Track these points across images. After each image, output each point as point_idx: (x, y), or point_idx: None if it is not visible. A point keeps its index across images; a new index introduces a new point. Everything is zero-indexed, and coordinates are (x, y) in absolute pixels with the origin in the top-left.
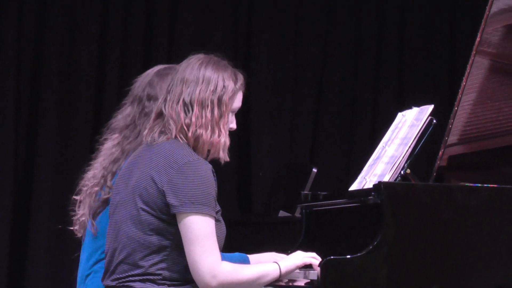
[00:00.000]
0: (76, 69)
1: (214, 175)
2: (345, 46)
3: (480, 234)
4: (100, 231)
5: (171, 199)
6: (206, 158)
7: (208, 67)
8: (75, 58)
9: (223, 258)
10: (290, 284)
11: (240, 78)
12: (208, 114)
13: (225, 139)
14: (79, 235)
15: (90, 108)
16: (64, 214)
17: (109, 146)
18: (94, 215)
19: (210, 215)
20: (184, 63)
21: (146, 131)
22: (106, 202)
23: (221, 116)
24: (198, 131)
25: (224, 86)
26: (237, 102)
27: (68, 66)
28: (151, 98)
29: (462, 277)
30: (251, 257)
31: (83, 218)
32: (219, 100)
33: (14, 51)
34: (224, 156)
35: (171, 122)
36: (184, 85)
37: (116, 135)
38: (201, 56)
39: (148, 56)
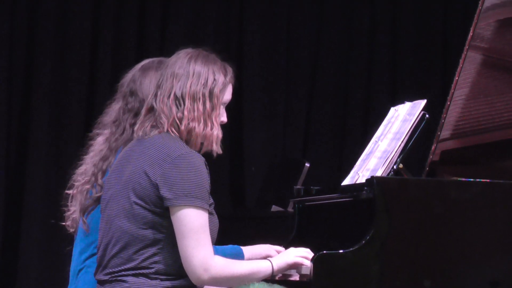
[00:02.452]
0: (68, 64)
1: (207, 168)
2: (338, 41)
3: (473, 229)
4: (93, 227)
5: (164, 192)
6: (199, 151)
7: (197, 61)
8: (68, 54)
9: (216, 251)
10: (284, 278)
11: (230, 71)
12: (200, 107)
13: (217, 132)
14: (72, 230)
15: (83, 103)
16: (56, 209)
17: (100, 141)
18: (85, 212)
19: (203, 208)
20: (173, 58)
21: (137, 126)
22: (97, 200)
23: (213, 108)
24: (191, 124)
25: (214, 79)
26: (228, 95)
27: (61, 61)
28: (133, 93)
29: (454, 272)
30: (245, 249)
31: (75, 215)
32: (211, 93)
33: (6, 47)
34: (217, 148)
35: (162, 116)
36: (174, 80)
37: (106, 131)
38: (189, 50)
39: (141, 52)
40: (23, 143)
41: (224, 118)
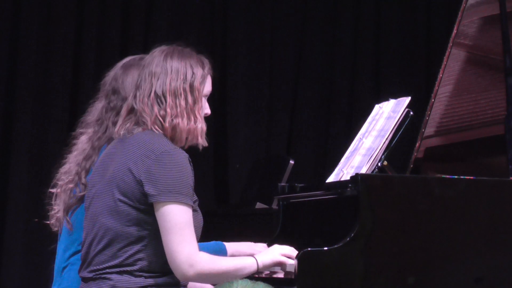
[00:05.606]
0: (52, 62)
1: (191, 164)
2: (322, 38)
3: (457, 226)
4: (77, 225)
5: (148, 189)
6: (184, 146)
7: (173, 57)
8: (51, 52)
9: (199, 247)
10: (268, 276)
11: (207, 62)
12: (182, 102)
13: (201, 125)
14: (56, 229)
15: (66, 101)
16: (40, 207)
17: (83, 140)
18: (69, 212)
19: (187, 204)
20: (148, 57)
21: (118, 127)
22: (81, 199)
23: (195, 102)
24: (175, 120)
25: (193, 72)
26: (208, 87)
27: (44, 59)
28: (115, 92)
29: (438, 269)
30: (228, 245)
31: (59, 215)
32: (191, 86)
33: None
34: (202, 141)
35: (144, 115)
36: (153, 78)
37: (90, 130)
38: (164, 47)
39: (125, 51)
40: (6, 141)
41: (207, 110)
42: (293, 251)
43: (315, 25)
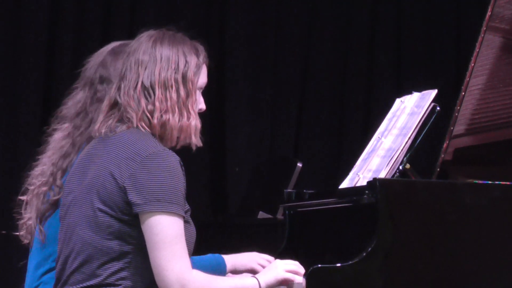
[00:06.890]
0: (22, 47)
1: (182, 169)
2: (334, 22)
3: (490, 238)
4: (50, 237)
5: (133, 197)
6: (176, 146)
7: (164, 43)
8: (22, 36)
9: (193, 262)
10: None
11: (202, 50)
12: (174, 95)
13: (195, 122)
14: (26, 241)
15: (38, 94)
16: (9, 217)
17: (58, 138)
18: (42, 219)
19: (178, 215)
20: (134, 43)
21: (98, 124)
22: (55, 204)
23: (188, 95)
24: (164, 116)
25: (186, 61)
26: (203, 78)
27: (13, 44)
28: (104, 80)
29: (468, 286)
30: (228, 258)
31: (30, 222)
32: (184, 77)
33: None
34: (196, 140)
35: (129, 110)
36: (140, 67)
37: (67, 125)
38: (152, 32)
39: (107, 34)
40: None
41: (202, 105)
42: (298, 267)
43: (327, 7)
